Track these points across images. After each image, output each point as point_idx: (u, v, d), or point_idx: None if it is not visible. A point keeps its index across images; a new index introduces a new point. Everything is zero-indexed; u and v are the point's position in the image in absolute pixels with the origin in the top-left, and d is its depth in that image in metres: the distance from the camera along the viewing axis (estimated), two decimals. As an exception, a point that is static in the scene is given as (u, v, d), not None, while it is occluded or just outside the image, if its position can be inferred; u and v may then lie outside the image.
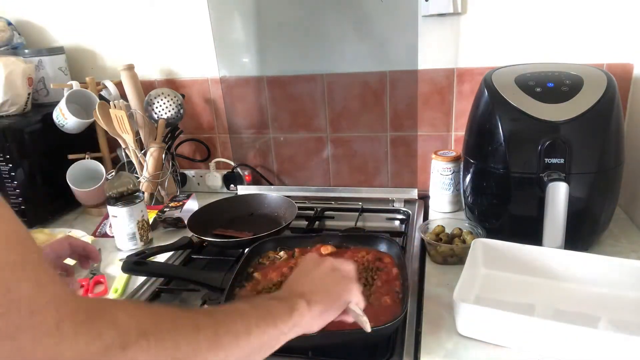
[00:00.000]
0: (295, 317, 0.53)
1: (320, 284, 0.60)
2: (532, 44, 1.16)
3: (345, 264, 0.66)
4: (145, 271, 0.96)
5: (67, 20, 1.44)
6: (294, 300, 0.55)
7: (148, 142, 1.33)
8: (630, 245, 0.99)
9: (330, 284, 0.61)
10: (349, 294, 0.61)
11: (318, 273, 0.62)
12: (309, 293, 0.57)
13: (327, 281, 0.61)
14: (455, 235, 1.00)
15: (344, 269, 0.65)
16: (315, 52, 1.30)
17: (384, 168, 1.37)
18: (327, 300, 0.58)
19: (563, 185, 0.81)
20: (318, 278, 0.61)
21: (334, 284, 0.61)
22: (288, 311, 0.53)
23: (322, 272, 0.62)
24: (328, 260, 0.65)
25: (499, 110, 0.92)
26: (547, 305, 0.80)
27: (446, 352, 0.72)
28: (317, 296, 0.57)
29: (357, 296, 0.63)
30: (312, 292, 0.58)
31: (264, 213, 1.26)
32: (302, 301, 0.55)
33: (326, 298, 0.58)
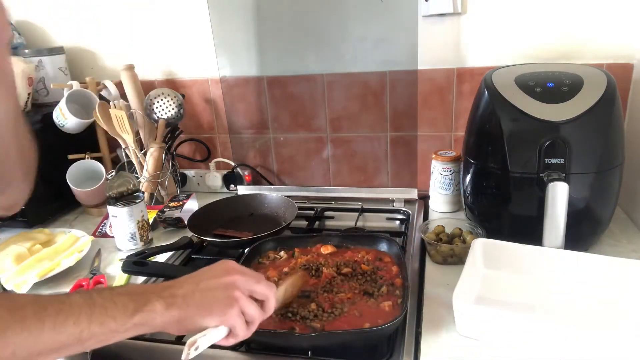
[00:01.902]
0: (137, 318, 0.52)
1: (201, 294, 0.57)
2: (532, 44, 1.16)
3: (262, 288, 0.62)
4: (145, 271, 0.96)
5: (67, 20, 1.44)
6: (148, 301, 0.53)
7: (148, 142, 1.33)
8: (630, 245, 0.99)
9: (212, 297, 0.57)
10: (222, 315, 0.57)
11: (210, 283, 0.58)
12: (179, 297, 0.56)
13: (211, 294, 0.57)
14: (455, 235, 1.00)
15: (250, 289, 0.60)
16: (315, 52, 1.30)
17: (384, 168, 1.37)
18: (191, 312, 0.56)
19: (563, 185, 0.81)
20: (204, 288, 0.58)
21: (214, 300, 0.57)
22: (130, 312, 0.52)
23: (215, 283, 0.59)
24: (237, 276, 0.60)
25: (499, 110, 0.92)
26: (547, 305, 0.80)
27: (446, 352, 0.72)
28: (185, 302, 0.55)
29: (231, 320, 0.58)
30: (184, 297, 0.56)
31: (264, 213, 1.26)
32: (162, 303, 0.54)
33: (192, 309, 0.56)
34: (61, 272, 1.01)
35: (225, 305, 0.57)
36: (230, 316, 0.57)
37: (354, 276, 0.88)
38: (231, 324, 0.58)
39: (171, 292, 0.56)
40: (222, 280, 0.59)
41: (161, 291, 0.56)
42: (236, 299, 0.58)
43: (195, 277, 0.60)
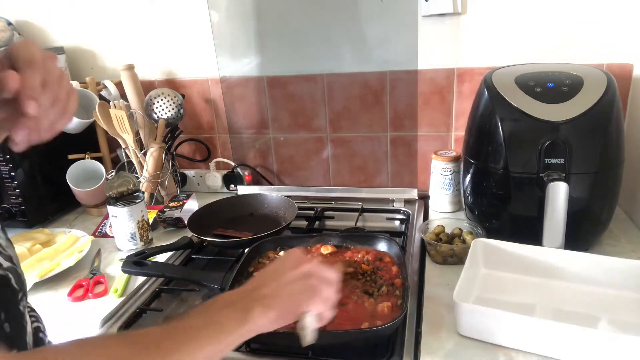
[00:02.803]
0: (248, 325, 0.54)
1: (285, 289, 0.59)
2: (532, 44, 1.16)
3: (325, 271, 0.64)
4: (145, 271, 0.96)
5: (67, 20, 1.44)
6: (251, 305, 0.55)
7: (148, 142, 1.33)
8: (630, 245, 0.99)
9: (295, 290, 0.60)
10: (309, 304, 0.60)
11: (288, 277, 0.61)
12: (270, 297, 0.57)
13: (292, 287, 0.60)
14: (455, 235, 1.00)
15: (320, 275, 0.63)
16: (315, 52, 1.30)
17: (384, 168, 1.37)
18: (284, 307, 0.58)
19: (563, 185, 0.81)
20: (285, 283, 0.60)
21: (298, 292, 0.60)
22: (241, 321, 0.53)
23: (292, 276, 0.61)
24: (307, 263, 0.63)
25: (499, 110, 0.92)
26: (547, 305, 0.80)
27: (446, 352, 0.72)
28: (276, 301, 0.57)
29: (319, 306, 0.61)
30: (274, 297, 0.58)
31: (264, 213, 1.26)
32: (260, 306, 0.55)
33: (284, 304, 0.58)
34: (61, 272, 1.01)
35: (310, 295, 0.60)
36: (316, 304, 0.61)
37: (354, 276, 0.88)
38: (319, 309, 0.61)
39: (261, 293, 0.58)
40: (298, 271, 0.62)
41: (251, 295, 0.58)
42: (316, 287, 0.61)
43: (274, 274, 0.62)
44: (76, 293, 0.96)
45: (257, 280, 0.61)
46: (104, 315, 0.88)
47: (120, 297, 0.94)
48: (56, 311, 0.92)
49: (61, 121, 0.50)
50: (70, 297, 0.95)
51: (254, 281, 0.61)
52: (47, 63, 0.48)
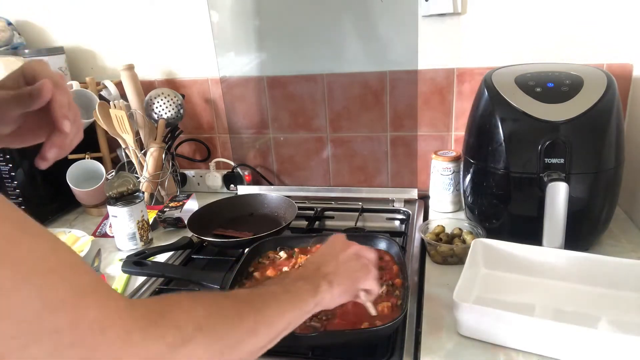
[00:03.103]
0: (318, 297, 0.58)
1: (344, 267, 0.65)
2: (532, 44, 1.16)
3: (368, 251, 0.71)
4: (145, 271, 0.96)
5: (67, 20, 1.44)
6: (318, 281, 0.60)
7: (148, 142, 1.33)
8: (630, 245, 0.99)
9: (352, 268, 0.65)
10: (365, 282, 0.66)
11: (343, 257, 0.66)
12: (332, 274, 0.62)
13: (350, 265, 0.66)
14: (455, 235, 1.00)
15: (367, 256, 0.69)
16: (315, 52, 1.30)
17: (384, 168, 1.37)
18: (347, 283, 0.64)
19: (563, 185, 0.81)
20: (342, 261, 0.65)
21: (356, 270, 0.66)
22: (313, 292, 0.58)
23: (347, 256, 0.67)
24: (354, 245, 0.69)
25: (499, 110, 0.92)
26: (547, 305, 0.80)
27: (446, 352, 0.72)
28: (339, 278, 0.62)
29: (372, 284, 0.68)
30: (335, 274, 0.62)
31: (264, 213, 1.26)
32: (325, 282, 0.60)
33: (346, 281, 0.63)
34: (61, 272, 1.01)
35: (365, 272, 0.67)
36: (371, 280, 0.67)
37: None
38: (372, 286, 0.68)
39: (324, 271, 0.63)
40: (349, 251, 0.68)
41: (316, 272, 0.62)
42: (367, 265, 0.68)
43: (329, 255, 0.67)
44: (76, 293, 0.96)
45: (316, 261, 0.66)
46: (104, 315, 0.87)
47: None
48: (56, 311, 0.92)
49: (77, 139, 0.55)
50: (70, 297, 0.95)
51: (314, 262, 0.66)
52: (65, 83, 0.53)
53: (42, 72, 0.52)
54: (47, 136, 0.53)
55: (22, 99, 0.50)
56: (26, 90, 0.51)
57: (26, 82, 0.52)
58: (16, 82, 0.51)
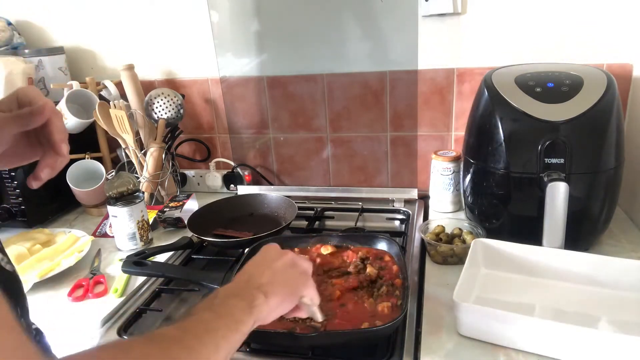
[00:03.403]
0: (254, 312, 0.55)
1: (280, 276, 0.61)
2: (532, 44, 1.16)
3: (304, 261, 0.68)
4: (145, 271, 0.96)
5: (67, 20, 1.44)
6: (253, 295, 0.56)
7: (148, 142, 1.33)
8: (630, 245, 0.99)
9: (289, 277, 0.63)
10: (305, 289, 0.64)
11: (278, 265, 0.63)
12: (267, 284, 0.59)
13: (286, 275, 0.62)
14: (455, 235, 1.00)
15: (303, 265, 0.67)
16: (315, 52, 1.30)
17: (384, 168, 1.37)
18: (284, 293, 0.60)
19: (563, 185, 0.81)
20: (277, 270, 0.62)
21: (293, 278, 0.63)
22: (248, 310, 0.54)
23: (282, 264, 0.63)
24: (289, 254, 0.66)
25: (499, 110, 0.92)
26: (547, 305, 0.80)
27: (446, 352, 0.72)
28: (275, 288, 0.59)
29: (311, 292, 0.65)
30: (271, 284, 0.59)
31: (264, 213, 1.26)
32: (261, 294, 0.56)
33: (283, 290, 0.60)
34: (61, 272, 1.01)
35: (304, 281, 0.64)
36: (311, 288, 0.65)
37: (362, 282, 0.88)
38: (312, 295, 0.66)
39: (259, 282, 0.59)
40: (284, 260, 0.64)
41: (249, 284, 0.58)
42: (304, 273, 0.66)
43: (262, 264, 0.63)
44: (76, 293, 0.96)
45: (249, 271, 0.62)
46: (104, 315, 0.88)
47: (120, 297, 0.94)
48: (56, 311, 0.92)
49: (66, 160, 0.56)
50: (70, 297, 0.95)
51: (246, 273, 0.62)
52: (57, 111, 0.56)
53: (38, 97, 0.54)
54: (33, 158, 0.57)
55: (21, 118, 0.53)
56: (26, 110, 0.53)
57: (20, 106, 0.54)
58: (9, 107, 0.54)
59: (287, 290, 0.61)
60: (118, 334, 0.83)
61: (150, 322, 0.89)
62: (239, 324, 0.52)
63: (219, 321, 0.51)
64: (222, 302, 0.54)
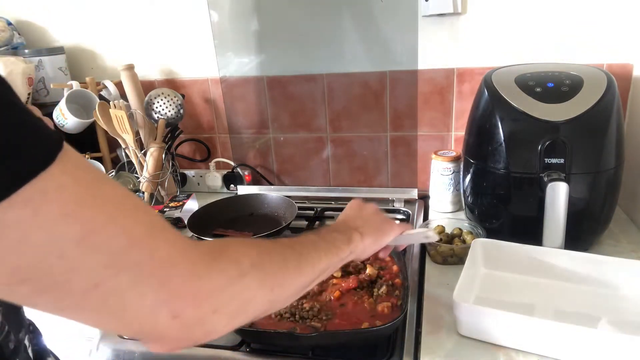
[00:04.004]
0: (352, 245, 0.63)
1: (370, 221, 0.70)
2: (532, 44, 1.16)
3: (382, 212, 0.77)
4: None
5: (67, 20, 1.44)
6: (350, 232, 0.65)
7: (148, 142, 1.33)
8: (630, 245, 0.99)
9: (377, 221, 0.72)
10: (392, 230, 0.72)
11: (366, 213, 0.72)
12: (361, 227, 0.67)
13: (374, 219, 0.72)
14: (455, 235, 1.00)
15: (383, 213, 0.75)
16: (315, 52, 1.30)
17: (384, 168, 1.37)
18: (376, 235, 0.69)
19: (563, 185, 0.81)
20: (367, 217, 0.71)
21: (380, 222, 0.72)
22: (347, 241, 0.63)
23: (369, 213, 0.73)
24: (372, 204, 0.75)
25: (499, 110, 0.92)
26: (547, 305, 0.80)
27: (446, 352, 0.72)
28: (368, 229, 0.68)
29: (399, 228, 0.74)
30: (364, 227, 0.68)
31: (264, 213, 1.26)
32: (357, 233, 0.65)
33: (375, 232, 0.69)
34: (61, 272, 1.01)
35: (389, 223, 0.73)
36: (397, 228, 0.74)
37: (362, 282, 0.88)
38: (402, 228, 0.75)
39: (353, 225, 0.68)
40: (370, 209, 0.74)
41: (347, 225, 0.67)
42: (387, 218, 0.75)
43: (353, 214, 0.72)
44: (76, 293, 0.96)
45: (343, 219, 0.71)
46: (104, 315, 0.87)
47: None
48: (56, 311, 0.92)
49: None
50: (70, 297, 0.95)
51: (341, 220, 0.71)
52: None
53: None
54: None
55: None
56: None
57: None
58: None
59: (377, 233, 0.69)
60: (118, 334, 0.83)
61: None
62: (338, 249, 0.61)
63: (323, 242, 0.59)
64: (327, 233, 0.63)
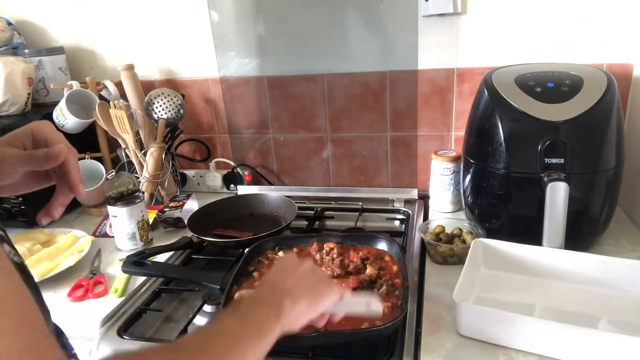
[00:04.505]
0: (282, 318, 0.53)
1: (304, 280, 0.60)
2: (532, 44, 1.16)
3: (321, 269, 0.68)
4: (145, 271, 0.96)
5: (67, 20, 1.44)
6: (279, 299, 0.55)
7: (148, 142, 1.33)
8: (630, 245, 0.99)
9: (312, 282, 0.61)
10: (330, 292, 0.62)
11: (300, 272, 0.61)
12: (292, 289, 0.57)
13: (309, 279, 0.61)
14: (455, 235, 1.00)
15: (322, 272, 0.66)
16: (315, 52, 1.30)
17: (384, 168, 1.37)
18: (311, 297, 0.59)
19: (563, 185, 0.81)
20: (300, 276, 0.60)
21: (316, 283, 0.61)
22: (275, 316, 0.53)
23: (303, 271, 0.62)
24: (307, 261, 0.65)
25: (499, 110, 0.92)
26: (547, 305, 0.80)
27: (446, 352, 0.72)
28: (300, 292, 0.57)
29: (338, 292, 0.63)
30: (295, 288, 0.58)
31: (264, 213, 1.26)
32: (287, 300, 0.55)
33: (309, 294, 0.58)
34: (61, 272, 1.01)
35: (327, 285, 0.62)
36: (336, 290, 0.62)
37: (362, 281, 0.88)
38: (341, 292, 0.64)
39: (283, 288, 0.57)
40: (304, 267, 0.63)
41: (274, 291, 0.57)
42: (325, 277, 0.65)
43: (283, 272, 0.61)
44: (76, 293, 0.96)
45: (271, 280, 0.61)
46: (104, 315, 0.88)
47: (120, 297, 0.94)
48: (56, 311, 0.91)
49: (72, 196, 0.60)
50: (70, 297, 0.95)
51: (267, 282, 0.61)
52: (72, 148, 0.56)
53: (53, 136, 0.55)
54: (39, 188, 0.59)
55: (36, 159, 0.53)
56: (42, 152, 0.53)
57: (34, 143, 0.54)
58: (23, 142, 0.54)
59: (312, 295, 0.59)
60: (118, 334, 0.83)
61: (150, 322, 0.89)
62: (267, 331, 0.51)
63: (246, 328, 0.49)
64: (247, 310, 0.53)
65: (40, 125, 0.55)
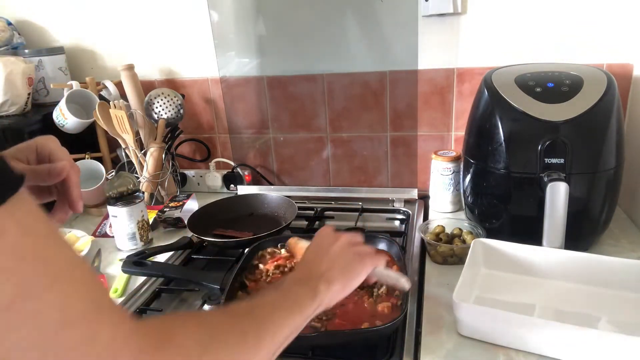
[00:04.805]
0: (317, 300, 0.57)
1: (338, 261, 0.63)
2: (532, 44, 1.16)
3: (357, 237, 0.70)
4: (145, 271, 0.96)
5: (67, 20, 1.44)
6: (315, 283, 0.59)
7: (148, 142, 1.33)
8: (630, 245, 0.99)
9: (346, 260, 0.64)
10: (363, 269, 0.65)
11: (334, 250, 0.65)
12: (327, 271, 0.61)
13: (343, 258, 0.64)
14: (455, 235, 1.00)
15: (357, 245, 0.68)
16: (315, 52, 1.30)
17: (384, 168, 1.37)
18: (345, 278, 0.62)
19: (563, 185, 0.81)
20: (335, 256, 0.64)
21: (350, 261, 0.64)
22: (311, 296, 0.57)
23: (338, 248, 0.65)
24: (342, 236, 0.68)
25: (499, 110, 0.92)
26: (547, 305, 0.80)
27: (446, 352, 0.72)
28: (335, 273, 0.61)
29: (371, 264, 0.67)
30: (330, 270, 0.61)
31: (264, 213, 1.26)
32: (322, 282, 0.59)
33: (344, 275, 0.62)
34: (61, 272, 1.01)
35: (360, 262, 0.66)
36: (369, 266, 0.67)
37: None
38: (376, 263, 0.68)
39: (319, 271, 0.61)
40: (338, 244, 0.66)
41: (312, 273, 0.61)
42: (360, 252, 0.67)
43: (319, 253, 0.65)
44: (76, 293, 0.96)
45: (308, 260, 0.65)
46: (104, 315, 0.87)
47: (120, 297, 0.94)
48: (56, 311, 0.92)
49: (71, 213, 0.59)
50: (70, 297, 0.95)
51: (305, 262, 0.65)
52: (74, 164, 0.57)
53: (57, 151, 0.56)
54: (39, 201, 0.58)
55: (39, 175, 0.54)
56: (45, 168, 0.55)
57: (38, 158, 0.56)
58: (27, 157, 0.55)
59: (347, 274, 0.63)
60: (118, 334, 0.83)
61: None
62: (303, 307, 0.55)
63: (285, 302, 0.54)
64: (288, 287, 0.57)
65: (45, 141, 0.57)
